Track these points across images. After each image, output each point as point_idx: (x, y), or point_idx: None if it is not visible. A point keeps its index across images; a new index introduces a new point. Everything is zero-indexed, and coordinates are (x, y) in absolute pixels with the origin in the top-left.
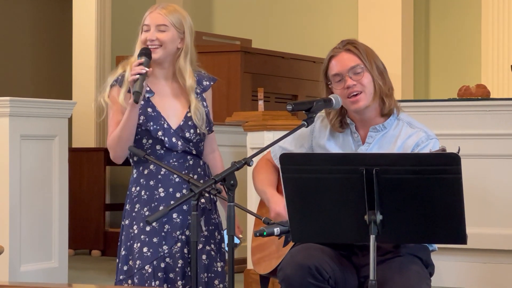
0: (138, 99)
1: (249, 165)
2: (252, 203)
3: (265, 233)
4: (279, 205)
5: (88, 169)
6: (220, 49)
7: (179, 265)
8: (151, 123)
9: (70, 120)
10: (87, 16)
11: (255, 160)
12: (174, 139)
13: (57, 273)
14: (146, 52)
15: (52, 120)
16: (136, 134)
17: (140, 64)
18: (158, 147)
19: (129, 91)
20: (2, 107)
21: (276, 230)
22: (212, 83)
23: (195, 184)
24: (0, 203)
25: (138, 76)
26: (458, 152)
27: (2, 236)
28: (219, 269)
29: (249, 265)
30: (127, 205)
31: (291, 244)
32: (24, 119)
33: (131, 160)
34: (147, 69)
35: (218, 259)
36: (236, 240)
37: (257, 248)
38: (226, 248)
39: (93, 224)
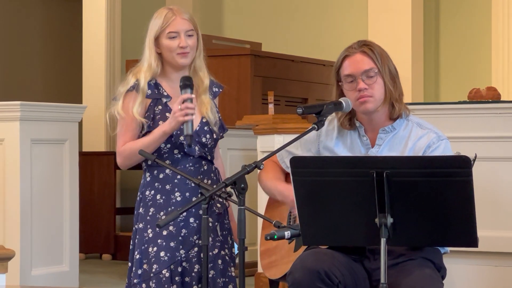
0: (191, 143)
1: (260, 169)
2: (263, 207)
3: (275, 237)
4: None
5: (98, 173)
6: (230, 53)
7: (195, 269)
8: (192, 146)
9: (80, 124)
10: (97, 20)
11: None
12: (192, 144)
13: (68, 277)
14: (190, 83)
15: (63, 124)
16: None
17: (189, 99)
18: (175, 151)
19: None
20: (12, 112)
21: (287, 233)
22: (221, 90)
23: (205, 188)
24: (11, 207)
25: (192, 117)
26: (475, 159)
27: (13, 240)
28: (233, 273)
29: (259, 269)
30: (141, 208)
31: (302, 249)
32: (34, 123)
33: (143, 164)
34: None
35: (232, 264)
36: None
37: (266, 252)
38: (236, 252)
39: (103, 228)
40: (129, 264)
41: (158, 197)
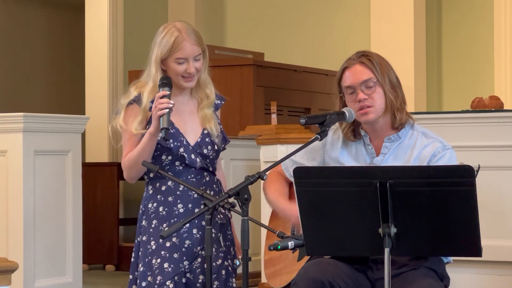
0: (168, 136)
1: (263, 179)
2: (266, 217)
3: (279, 247)
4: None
5: (101, 184)
6: (232, 63)
7: (200, 280)
8: (171, 141)
9: (83, 135)
10: (100, 31)
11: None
12: (193, 156)
13: None
14: (168, 82)
15: (66, 135)
16: (155, 150)
17: (164, 96)
18: (177, 163)
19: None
20: (15, 123)
21: (290, 243)
22: (222, 103)
23: (209, 199)
24: (14, 219)
25: (166, 110)
26: (478, 169)
27: (17, 252)
28: (235, 284)
29: (263, 279)
30: (143, 221)
31: (306, 258)
32: (37, 135)
33: (146, 177)
34: (172, 103)
35: (233, 275)
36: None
37: (270, 262)
38: (237, 263)
39: (107, 239)
40: (130, 276)
41: (160, 209)
